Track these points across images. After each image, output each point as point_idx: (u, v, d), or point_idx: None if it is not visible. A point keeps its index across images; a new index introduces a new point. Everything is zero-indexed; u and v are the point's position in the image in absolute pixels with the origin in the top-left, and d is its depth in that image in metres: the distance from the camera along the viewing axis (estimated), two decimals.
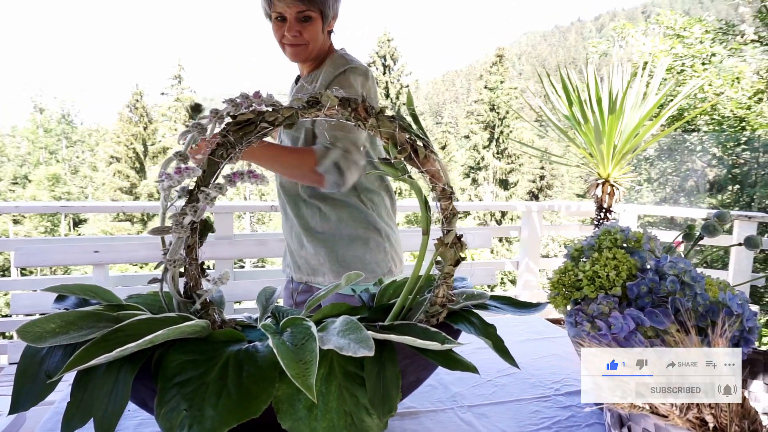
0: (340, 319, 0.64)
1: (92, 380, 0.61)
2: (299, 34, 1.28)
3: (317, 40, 1.31)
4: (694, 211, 3.45)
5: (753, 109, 6.78)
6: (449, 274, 0.67)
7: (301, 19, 1.27)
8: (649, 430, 0.52)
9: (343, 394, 0.61)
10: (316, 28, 1.29)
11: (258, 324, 0.75)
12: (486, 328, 0.68)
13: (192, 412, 0.57)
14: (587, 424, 0.73)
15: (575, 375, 0.90)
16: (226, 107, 0.67)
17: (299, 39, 1.29)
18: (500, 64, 30.15)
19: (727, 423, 0.44)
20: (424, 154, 0.64)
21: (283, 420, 0.59)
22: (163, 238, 0.70)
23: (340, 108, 0.64)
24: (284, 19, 1.28)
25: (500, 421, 0.73)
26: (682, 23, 7.20)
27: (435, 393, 0.82)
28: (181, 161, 0.67)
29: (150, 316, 0.64)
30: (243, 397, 0.57)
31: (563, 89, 3.18)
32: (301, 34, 1.28)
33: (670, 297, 0.63)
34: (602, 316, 0.65)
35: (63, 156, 29.57)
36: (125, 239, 2.05)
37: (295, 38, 1.29)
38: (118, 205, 2.30)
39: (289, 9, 1.25)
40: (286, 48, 1.32)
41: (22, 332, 0.60)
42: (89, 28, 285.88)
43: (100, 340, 0.59)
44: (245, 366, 0.61)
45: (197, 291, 0.70)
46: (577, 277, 0.71)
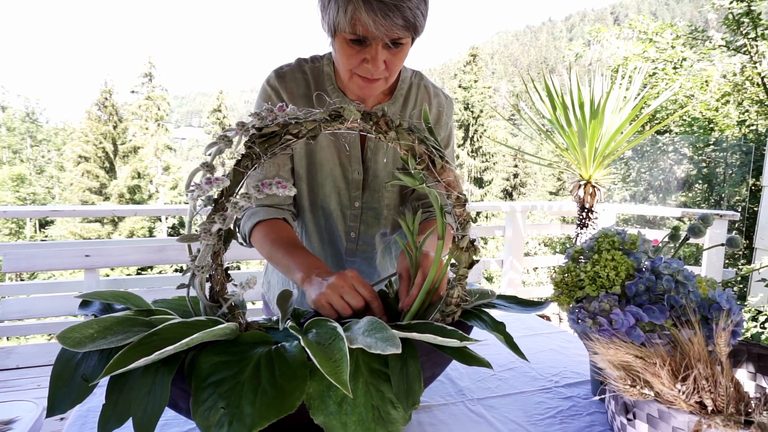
0: (365, 320, 0.69)
1: (128, 382, 0.64)
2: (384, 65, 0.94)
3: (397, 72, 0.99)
4: (668, 210, 3.61)
5: (720, 111, 7.09)
6: (464, 276, 0.72)
7: (389, 46, 0.91)
8: (653, 415, 0.58)
9: (370, 389, 0.66)
10: (403, 57, 0.96)
11: (279, 326, 0.78)
12: (497, 326, 0.73)
13: (230, 409, 0.60)
14: (588, 412, 0.79)
15: (572, 368, 0.97)
16: (252, 120, 0.70)
17: (383, 73, 0.95)
18: (474, 63, 30.49)
19: (724, 405, 0.50)
20: (441, 164, 0.69)
21: (316, 415, 0.63)
22: (190, 246, 0.73)
23: (362, 121, 0.68)
24: (364, 43, 0.91)
25: (508, 412, 0.79)
26: (654, 28, 7.47)
27: (444, 388, 0.87)
28: (208, 172, 0.70)
29: (182, 320, 0.67)
30: (278, 394, 0.61)
31: (547, 95, 3.29)
32: (387, 65, 0.95)
33: (666, 294, 0.69)
34: (603, 313, 0.71)
35: (27, 155, 28.65)
36: (116, 243, 2.04)
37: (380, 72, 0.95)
38: (108, 209, 2.29)
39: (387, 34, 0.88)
40: (357, 80, 0.97)
41: (62, 338, 0.62)
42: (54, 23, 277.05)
43: (137, 344, 0.62)
44: (276, 365, 0.64)
45: (224, 295, 0.73)
46: (579, 278, 0.76)
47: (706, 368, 0.49)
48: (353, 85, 0.99)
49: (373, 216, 1.14)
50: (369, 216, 1.14)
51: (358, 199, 1.12)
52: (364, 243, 1.16)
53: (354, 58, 0.93)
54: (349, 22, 0.87)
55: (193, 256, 0.71)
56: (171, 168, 28.11)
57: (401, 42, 0.92)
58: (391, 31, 0.87)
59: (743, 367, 0.74)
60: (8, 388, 1.71)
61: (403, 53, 0.95)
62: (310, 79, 1.09)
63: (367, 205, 1.13)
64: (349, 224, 1.14)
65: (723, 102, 7.19)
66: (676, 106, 7.44)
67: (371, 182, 1.12)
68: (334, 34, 0.93)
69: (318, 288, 0.83)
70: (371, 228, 1.15)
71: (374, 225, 1.15)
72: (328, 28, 0.93)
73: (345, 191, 1.12)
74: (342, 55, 0.94)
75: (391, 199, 1.15)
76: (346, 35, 0.90)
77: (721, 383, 0.49)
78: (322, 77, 1.09)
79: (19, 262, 1.79)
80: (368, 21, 0.86)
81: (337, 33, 0.92)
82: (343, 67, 0.96)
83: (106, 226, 23.39)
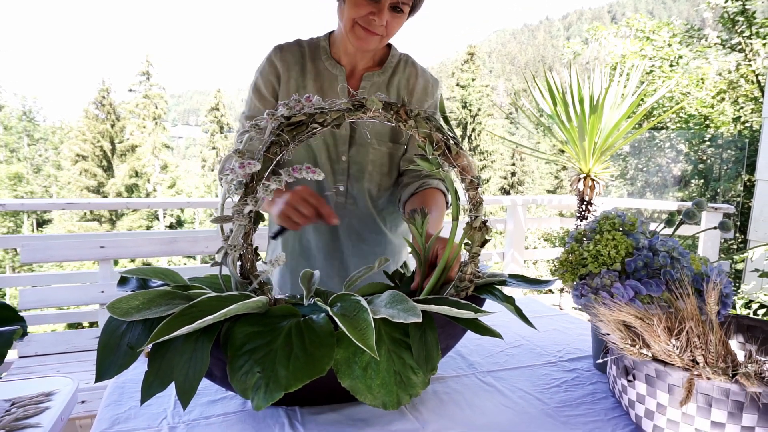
0: (387, 294, 0.74)
1: (170, 350, 0.69)
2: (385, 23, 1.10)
3: (393, 35, 1.17)
4: (665, 204, 3.69)
5: (716, 108, 7.19)
6: (477, 254, 0.78)
7: (393, 8, 1.09)
8: (651, 374, 0.64)
9: (392, 356, 0.71)
10: (401, 23, 1.14)
11: (305, 301, 0.84)
12: (507, 299, 0.79)
13: (266, 373, 0.66)
14: (591, 382, 0.85)
15: (574, 345, 1.03)
16: (281, 109, 0.76)
17: (382, 29, 1.11)
18: (471, 61, 30.56)
19: (714, 360, 0.56)
20: (456, 150, 0.75)
21: (343, 379, 0.68)
22: (222, 226, 0.78)
23: (383, 111, 0.74)
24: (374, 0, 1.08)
25: (517, 383, 0.85)
26: (651, 26, 7.56)
27: (455, 362, 0.93)
28: (241, 157, 0.76)
29: (218, 294, 0.73)
30: (309, 359, 0.67)
31: (549, 91, 3.36)
32: (386, 25, 1.11)
33: (662, 269, 0.75)
34: (605, 287, 0.77)
35: (25, 154, 28.58)
36: (130, 235, 2.10)
37: (380, 27, 1.11)
38: (123, 201, 2.34)
39: None
40: (358, 30, 1.11)
41: (111, 308, 0.68)
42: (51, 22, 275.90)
43: (178, 315, 0.68)
44: (306, 334, 0.70)
45: (254, 272, 0.79)
46: (582, 256, 0.82)
47: (697, 325, 0.54)
48: (352, 36, 1.13)
49: (358, 170, 1.23)
50: (355, 170, 1.23)
51: (345, 153, 1.22)
52: (351, 197, 1.25)
53: (362, 8, 1.08)
54: None
55: (225, 236, 0.77)
56: (168, 166, 28.11)
57: (402, 9, 1.10)
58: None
59: (734, 338, 0.80)
60: (29, 374, 1.77)
61: (401, 20, 1.13)
62: (306, 51, 1.23)
63: (353, 159, 1.23)
64: (338, 178, 1.23)
65: (718, 99, 7.28)
66: (673, 103, 7.53)
67: (357, 138, 1.22)
68: None
69: (277, 207, 1.00)
70: (357, 182, 1.24)
71: (360, 179, 1.24)
72: None
73: (333, 146, 1.21)
74: (351, 6, 1.09)
75: (377, 156, 1.24)
76: None
77: (711, 340, 0.55)
78: (318, 50, 1.24)
79: (36, 254, 1.84)
80: None
81: None
82: (348, 16, 1.10)
83: (104, 224, 23.39)
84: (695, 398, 0.59)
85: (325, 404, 0.77)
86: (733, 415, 0.57)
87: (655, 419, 0.64)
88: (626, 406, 0.71)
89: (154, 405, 0.78)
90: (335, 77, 1.22)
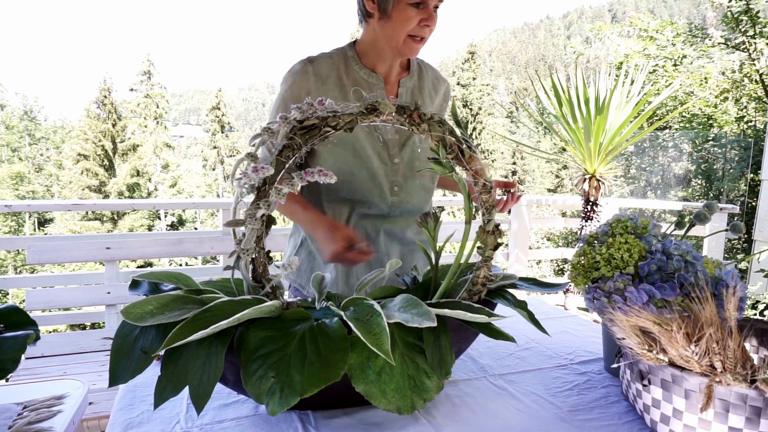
0: (400, 297, 0.74)
1: (183, 355, 0.69)
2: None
3: None
4: (669, 204, 3.68)
5: (719, 108, 7.18)
6: (489, 258, 0.77)
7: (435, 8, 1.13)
8: (666, 379, 0.63)
9: (405, 360, 0.71)
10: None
11: (316, 305, 0.84)
12: (519, 303, 0.79)
13: (280, 378, 0.66)
14: (603, 385, 0.85)
15: (585, 347, 1.02)
16: (293, 114, 0.76)
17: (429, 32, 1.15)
18: (472, 60, 30.54)
19: (732, 366, 0.56)
20: (469, 154, 0.75)
21: (357, 383, 0.68)
22: (234, 230, 0.78)
23: (396, 115, 0.74)
24: (419, 6, 1.10)
25: (529, 386, 0.84)
26: (655, 26, 7.55)
27: (466, 365, 0.93)
28: (253, 161, 0.76)
29: (232, 299, 0.73)
30: (323, 364, 0.67)
31: (554, 91, 3.36)
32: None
33: (676, 273, 0.75)
34: (618, 291, 0.77)
35: (26, 154, 28.61)
36: (136, 236, 2.10)
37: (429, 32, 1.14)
38: (129, 203, 2.34)
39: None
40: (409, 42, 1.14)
41: (126, 313, 0.68)
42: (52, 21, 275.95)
43: (192, 320, 0.68)
44: (320, 339, 0.70)
45: (266, 276, 0.79)
46: (595, 260, 0.82)
47: (716, 332, 0.54)
48: (405, 48, 1.16)
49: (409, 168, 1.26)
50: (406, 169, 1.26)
51: (397, 156, 1.24)
52: (407, 193, 1.26)
53: (414, 20, 1.10)
54: None
55: (238, 240, 0.77)
56: (170, 166, 28.13)
57: (438, 7, 1.12)
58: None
59: (747, 341, 0.80)
60: (36, 375, 1.77)
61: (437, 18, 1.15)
62: (337, 62, 1.22)
63: (404, 160, 1.25)
64: (392, 179, 1.24)
65: (722, 98, 7.27)
66: (676, 102, 7.52)
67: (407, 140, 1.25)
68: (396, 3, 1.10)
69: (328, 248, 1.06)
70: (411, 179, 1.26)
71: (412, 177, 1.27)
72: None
73: (384, 151, 1.23)
74: (402, 20, 1.11)
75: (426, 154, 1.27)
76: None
77: (730, 346, 0.54)
78: (348, 60, 1.24)
79: (43, 255, 1.84)
80: None
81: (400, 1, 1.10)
82: (400, 32, 1.13)
83: (106, 224, 23.41)
84: (712, 404, 0.58)
85: (338, 408, 0.77)
86: (750, 420, 0.57)
87: (671, 424, 0.64)
88: (641, 410, 0.71)
89: (167, 409, 0.78)
90: (373, 86, 1.23)
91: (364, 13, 1.18)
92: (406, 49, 1.15)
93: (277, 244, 2.23)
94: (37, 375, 1.78)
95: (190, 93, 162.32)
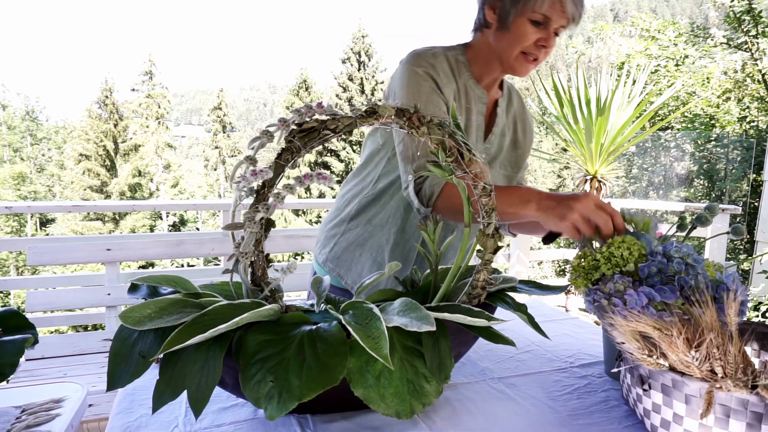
0: (399, 301, 0.74)
1: (182, 359, 0.69)
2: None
3: None
4: (671, 205, 3.67)
5: (722, 108, 7.16)
6: (489, 261, 0.77)
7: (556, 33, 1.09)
8: (667, 384, 0.63)
9: (404, 365, 0.71)
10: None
11: (316, 309, 0.84)
12: (519, 307, 0.79)
13: (278, 382, 0.66)
14: (603, 389, 0.84)
15: (585, 350, 1.02)
16: (292, 116, 0.75)
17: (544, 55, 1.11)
18: None
19: (732, 371, 0.55)
20: (469, 157, 0.74)
21: (356, 388, 0.68)
22: (233, 233, 0.78)
23: (396, 117, 0.74)
24: (541, 25, 1.06)
25: (529, 389, 0.84)
26: (657, 26, 7.54)
27: (466, 368, 0.93)
28: (252, 164, 0.75)
29: (230, 302, 0.72)
30: (322, 368, 0.66)
31: (554, 92, 3.35)
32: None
33: (677, 276, 0.74)
34: (618, 293, 0.76)
35: (28, 154, 28.66)
36: (136, 237, 2.10)
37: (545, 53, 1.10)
38: (130, 204, 2.35)
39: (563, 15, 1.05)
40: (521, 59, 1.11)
41: (124, 317, 0.68)
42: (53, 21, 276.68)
43: (191, 323, 0.68)
44: (318, 343, 0.70)
45: (265, 280, 0.79)
46: (595, 258, 0.82)
47: (717, 337, 0.54)
48: (517, 64, 1.12)
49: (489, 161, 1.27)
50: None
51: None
52: None
53: (531, 37, 1.07)
54: (549, 1, 1.03)
55: (236, 243, 0.76)
56: (171, 166, 28.16)
57: (559, 33, 1.09)
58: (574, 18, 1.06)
59: (748, 345, 0.80)
60: (36, 377, 1.77)
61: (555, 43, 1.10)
62: (453, 64, 1.18)
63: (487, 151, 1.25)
64: None
65: (724, 99, 7.26)
66: (678, 102, 7.51)
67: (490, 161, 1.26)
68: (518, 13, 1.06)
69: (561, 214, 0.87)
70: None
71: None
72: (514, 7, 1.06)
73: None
74: (520, 35, 1.07)
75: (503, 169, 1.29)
76: (534, 15, 1.05)
77: (731, 351, 0.54)
78: (460, 64, 1.19)
79: (43, 256, 1.84)
80: (567, 1, 1.03)
81: (523, 13, 1.06)
82: (516, 46, 1.09)
83: (108, 224, 23.45)
84: (713, 409, 0.58)
85: (337, 412, 0.77)
86: (751, 426, 0.57)
87: (672, 429, 0.64)
88: (641, 415, 0.70)
89: (166, 413, 0.77)
90: (479, 98, 1.20)
91: (483, 22, 1.15)
92: (516, 65, 1.12)
93: (277, 245, 2.23)
94: (37, 377, 1.78)
95: (192, 93, 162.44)
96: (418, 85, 1.10)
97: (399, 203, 1.22)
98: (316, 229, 1.90)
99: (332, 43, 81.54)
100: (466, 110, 1.19)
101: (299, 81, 28.71)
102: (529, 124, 1.34)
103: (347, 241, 1.31)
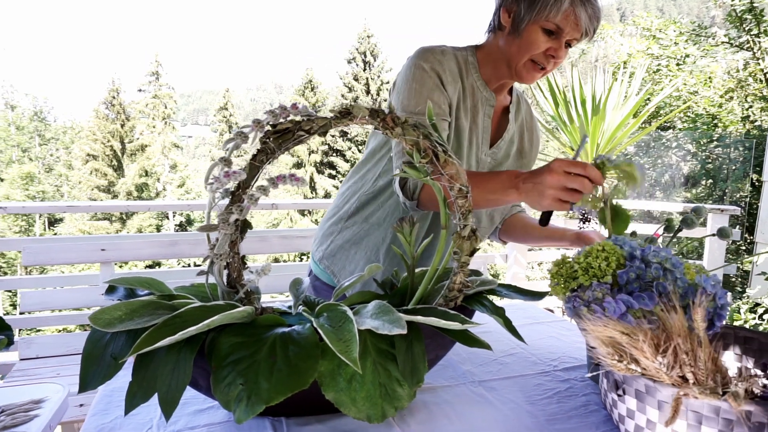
0: (373, 304, 0.73)
1: (153, 361, 0.69)
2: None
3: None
4: (670, 205, 3.64)
5: (724, 107, 7.10)
6: (465, 264, 0.76)
7: (567, 44, 1.08)
8: (641, 390, 0.62)
9: (377, 368, 0.70)
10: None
11: (293, 311, 0.83)
12: (497, 310, 0.78)
13: (248, 385, 0.65)
14: (584, 393, 0.83)
15: (570, 353, 1.01)
16: (266, 117, 0.75)
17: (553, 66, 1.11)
18: None
19: (704, 378, 0.54)
20: (444, 158, 0.74)
21: (327, 391, 0.67)
22: (209, 235, 0.78)
23: (369, 118, 0.73)
24: (552, 35, 1.06)
25: (508, 393, 0.83)
26: (658, 25, 7.49)
27: (447, 371, 0.92)
28: (226, 166, 0.75)
29: (203, 304, 0.72)
30: (292, 372, 0.66)
31: (550, 92, 3.33)
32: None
33: (655, 282, 0.73)
34: (597, 301, 0.75)
35: (36, 154, 28.88)
36: (131, 237, 2.11)
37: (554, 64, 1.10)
38: (126, 204, 2.36)
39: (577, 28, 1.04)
40: (529, 66, 1.11)
41: (94, 319, 0.68)
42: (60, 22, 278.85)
43: (162, 325, 0.67)
44: (290, 346, 0.69)
45: (240, 281, 0.78)
46: (573, 269, 0.81)
47: (685, 342, 0.53)
48: (523, 70, 1.11)
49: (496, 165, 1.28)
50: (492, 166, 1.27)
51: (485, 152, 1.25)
52: None
53: (542, 46, 1.06)
54: (563, 11, 1.02)
55: (212, 245, 0.76)
56: (178, 166, 28.28)
57: (571, 45, 1.08)
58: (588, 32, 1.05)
59: (730, 350, 0.78)
60: (29, 376, 1.78)
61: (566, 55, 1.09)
62: (461, 64, 1.17)
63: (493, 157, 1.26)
64: None
65: (726, 98, 7.19)
66: (680, 102, 7.45)
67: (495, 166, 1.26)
68: (532, 20, 1.05)
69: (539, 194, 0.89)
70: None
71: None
72: (528, 13, 1.05)
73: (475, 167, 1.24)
74: (530, 42, 1.06)
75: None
76: (546, 24, 1.04)
77: (700, 357, 0.53)
78: (468, 65, 1.18)
79: (38, 256, 1.85)
80: (581, 14, 1.02)
81: (536, 20, 1.04)
82: (524, 52, 1.08)
83: (115, 224, 23.59)
84: (685, 415, 0.57)
85: (311, 415, 0.76)
86: None
87: None
88: (617, 420, 0.69)
89: (141, 414, 0.77)
90: (486, 101, 1.20)
91: (497, 25, 1.15)
92: (523, 72, 1.11)
93: (271, 246, 2.22)
94: (30, 376, 1.78)
95: (198, 93, 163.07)
96: (422, 80, 1.10)
97: (397, 202, 1.22)
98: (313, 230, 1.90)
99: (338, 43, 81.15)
100: (472, 111, 1.19)
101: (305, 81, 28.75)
102: (536, 134, 1.33)
103: (343, 238, 1.30)
